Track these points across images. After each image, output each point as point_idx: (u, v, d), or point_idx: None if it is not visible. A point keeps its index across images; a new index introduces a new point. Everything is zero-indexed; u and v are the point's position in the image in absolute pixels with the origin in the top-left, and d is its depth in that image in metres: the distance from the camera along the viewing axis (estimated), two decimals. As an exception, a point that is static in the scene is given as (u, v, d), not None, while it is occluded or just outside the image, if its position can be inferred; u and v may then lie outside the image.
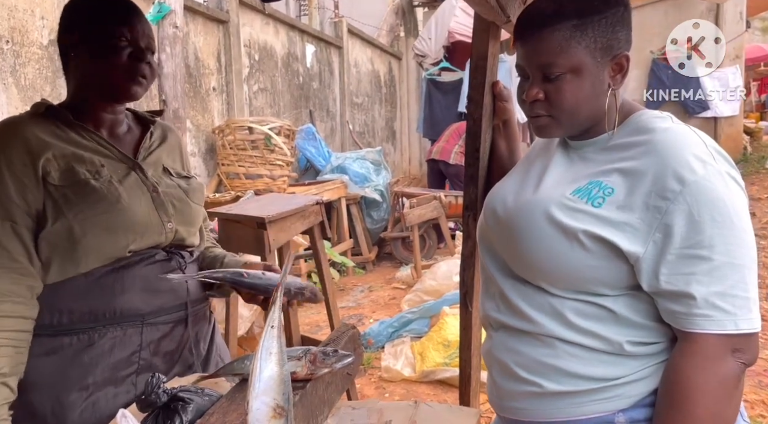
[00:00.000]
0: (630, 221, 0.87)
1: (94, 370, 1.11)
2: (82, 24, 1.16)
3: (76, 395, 1.09)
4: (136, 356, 1.15)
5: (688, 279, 0.84)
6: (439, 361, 3.09)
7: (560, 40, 0.92)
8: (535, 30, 0.94)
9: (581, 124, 0.98)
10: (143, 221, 1.16)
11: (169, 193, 1.23)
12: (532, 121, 1.00)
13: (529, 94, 0.97)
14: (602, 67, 0.94)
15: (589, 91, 0.94)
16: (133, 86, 1.18)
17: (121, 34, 1.16)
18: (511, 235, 0.99)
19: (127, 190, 1.15)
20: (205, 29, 4.67)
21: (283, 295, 1.00)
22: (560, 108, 0.95)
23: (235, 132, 4.41)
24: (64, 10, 1.20)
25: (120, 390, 1.13)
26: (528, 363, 0.98)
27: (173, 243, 1.23)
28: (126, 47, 1.17)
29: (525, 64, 0.97)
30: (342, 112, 7.32)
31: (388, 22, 9.34)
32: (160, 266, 1.19)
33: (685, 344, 0.87)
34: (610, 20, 0.92)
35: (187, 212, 1.26)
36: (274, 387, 0.84)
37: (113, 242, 1.12)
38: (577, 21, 0.91)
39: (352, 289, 5.04)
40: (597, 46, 0.92)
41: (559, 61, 0.92)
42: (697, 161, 0.85)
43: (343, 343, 1.21)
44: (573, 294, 0.93)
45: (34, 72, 3.13)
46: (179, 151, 1.37)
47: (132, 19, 1.18)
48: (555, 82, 0.94)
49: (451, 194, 5.55)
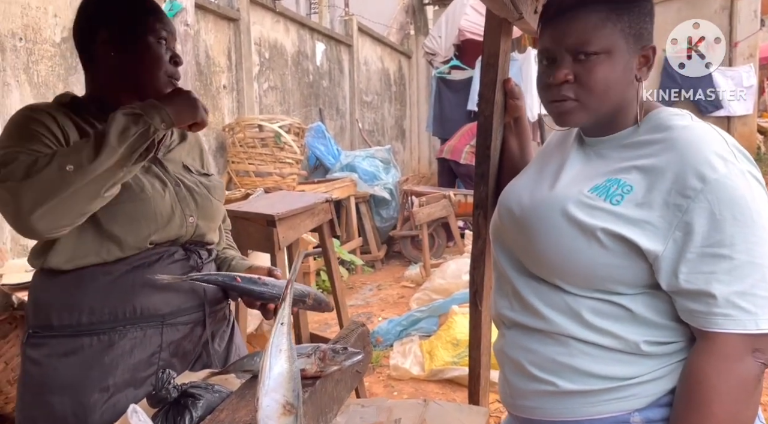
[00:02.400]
0: (649, 218, 0.86)
1: (114, 371, 1.11)
2: (118, 18, 1.15)
3: (97, 396, 1.09)
4: (156, 357, 1.15)
5: (709, 278, 0.83)
6: (448, 360, 3.08)
7: (597, 20, 0.92)
8: (571, 10, 0.93)
9: (606, 113, 0.96)
10: (166, 212, 1.16)
11: (192, 188, 1.23)
12: (556, 107, 0.97)
13: (557, 76, 0.94)
14: (633, 55, 0.94)
15: (620, 76, 0.93)
16: (167, 88, 1.18)
17: (162, 35, 1.16)
18: (527, 233, 0.98)
19: (150, 182, 1.15)
20: (216, 27, 4.68)
21: (287, 292, 0.99)
22: (590, 89, 0.93)
23: (245, 130, 4.42)
24: (88, 2, 1.18)
25: (140, 391, 1.13)
26: (542, 362, 0.97)
27: (193, 239, 1.23)
28: (168, 51, 1.17)
29: (553, 46, 0.95)
30: (351, 111, 7.32)
31: (398, 20, 9.32)
32: (179, 265, 1.19)
33: (704, 343, 0.86)
34: (642, 10, 0.94)
35: (209, 207, 1.26)
36: (284, 384, 0.84)
37: (136, 231, 1.12)
38: (614, 5, 0.92)
39: (361, 287, 5.05)
40: (631, 32, 0.93)
41: (594, 40, 0.91)
42: (719, 159, 0.84)
43: (352, 341, 1.21)
44: (590, 293, 0.93)
45: (47, 69, 3.16)
46: (199, 150, 1.37)
47: (167, 20, 1.19)
48: (587, 63, 0.92)
49: (461, 193, 5.54)
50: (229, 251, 1.42)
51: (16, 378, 2.02)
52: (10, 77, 2.93)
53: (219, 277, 1.18)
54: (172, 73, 1.18)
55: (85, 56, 1.19)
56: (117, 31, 1.14)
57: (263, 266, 1.32)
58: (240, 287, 1.17)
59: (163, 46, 1.17)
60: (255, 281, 1.18)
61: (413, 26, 9.52)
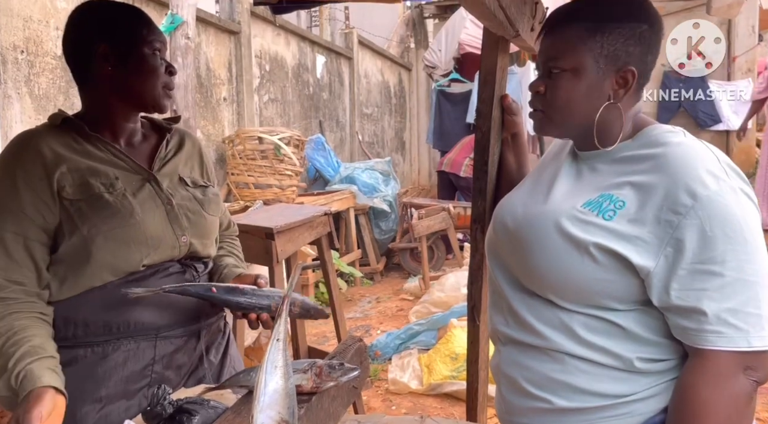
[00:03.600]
0: (641, 234, 0.86)
1: (107, 382, 1.11)
2: (113, 33, 1.15)
3: (89, 407, 1.09)
4: (149, 370, 1.15)
5: (700, 295, 0.84)
6: (446, 374, 3.06)
7: (568, 38, 0.95)
8: (553, 26, 0.98)
9: (574, 127, 1.00)
10: (157, 234, 1.16)
11: (184, 205, 1.22)
12: (531, 116, 1.04)
13: (531, 87, 1.01)
14: (604, 76, 0.95)
15: (582, 94, 0.96)
16: (165, 99, 1.19)
17: (156, 46, 1.17)
18: (521, 246, 0.98)
19: (140, 204, 1.15)
20: (217, 40, 4.72)
21: (283, 308, 0.99)
22: (552, 105, 0.98)
23: (245, 142, 4.44)
24: (80, 18, 1.17)
25: (132, 403, 1.13)
26: (537, 379, 0.97)
27: (188, 256, 1.23)
28: (162, 61, 1.18)
29: (538, 60, 1.01)
30: (351, 123, 7.34)
31: (398, 33, 9.39)
32: (175, 279, 1.19)
33: (696, 360, 0.86)
34: (626, 32, 0.93)
35: (202, 224, 1.25)
36: (279, 401, 0.84)
37: (127, 256, 1.12)
38: (591, 24, 0.93)
39: (360, 300, 5.03)
40: (602, 53, 0.93)
41: (561, 58, 0.95)
42: (710, 176, 0.85)
43: (349, 356, 1.21)
44: (583, 308, 0.93)
45: (48, 82, 3.17)
46: (198, 158, 1.35)
47: (158, 31, 1.20)
48: (555, 79, 0.97)
49: (460, 205, 5.54)
50: (226, 258, 1.39)
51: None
52: (11, 90, 2.95)
53: (193, 288, 1.15)
54: (167, 83, 1.19)
55: (79, 72, 1.18)
56: (113, 46, 1.14)
57: (251, 274, 1.28)
58: (216, 298, 1.15)
59: (158, 56, 1.17)
60: (233, 290, 1.16)
61: (413, 39, 9.59)
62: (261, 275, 1.26)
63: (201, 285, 1.17)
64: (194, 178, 1.30)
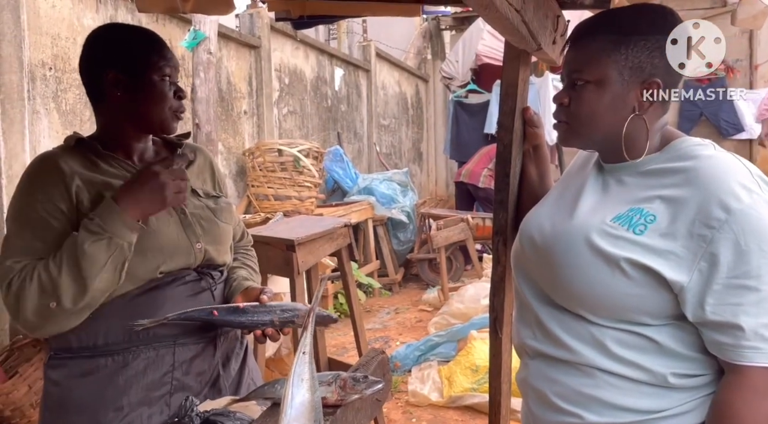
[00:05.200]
0: (673, 249, 0.86)
1: (128, 391, 1.13)
2: (122, 59, 1.17)
3: (111, 415, 1.11)
4: (168, 377, 1.17)
5: (736, 310, 0.83)
6: (467, 386, 3.04)
7: (593, 50, 0.95)
8: (578, 38, 0.99)
9: (600, 140, 0.99)
10: (172, 242, 1.19)
11: (197, 214, 1.26)
12: (556, 128, 1.04)
13: (555, 98, 1.01)
14: (629, 88, 0.95)
15: (607, 106, 0.95)
16: (173, 123, 1.22)
17: (165, 72, 1.19)
18: (550, 262, 0.98)
19: None
20: (238, 54, 4.79)
21: (308, 321, 1.00)
22: (576, 117, 0.98)
23: (265, 154, 4.49)
24: (94, 42, 1.21)
25: (154, 411, 1.14)
26: (567, 393, 0.96)
27: (203, 263, 1.26)
28: (171, 85, 1.20)
29: (563, 71, 1.01)
30: (369, 134, 7.38)
31: (415, 45, 9.45)
32: (191, 287, 1.22)
33: (732, 376, 0.85)
34: (651, 44, 0.93)
35: (215, 231, 1.28)
36: (306, 414, 0.84)
37: (144, 264, 1.15)
38: (615, 36, 0.93)
39: (379, 311, 5.03)
40: (627, 65, 0.93)
41: (585, 70, 0.96)
42: (743, 189, 0.84)
43: (372, 368, 1.21)
44: (614, 323, 0.92)
45: (75, 97, 3.25)
46: (210, 171, 1.38)
47: (170, 55, 1.22)
48: (578, 90, 0.97)
49: (479, 216, 5.52)
50: (239, 271, 1.40)
51: (38, 402, 2.04)
52: (39, 105, 3.03)
53: (196, 313, 1.18)
54: (176, 108, 1.22)
55: (92, 94, 1.22)
56: (123, 72, 1.17)
57: (257, 287, 1.32)
58: (218, 320, 1.19)
59: (167, 82, 1.20)
60: (234, 311, 1.19)
61: (430, 51, 9.63)
62: (266, 288, 1.28)
63: (203, 309, 1.19)
64: (206, 189, 1.34)
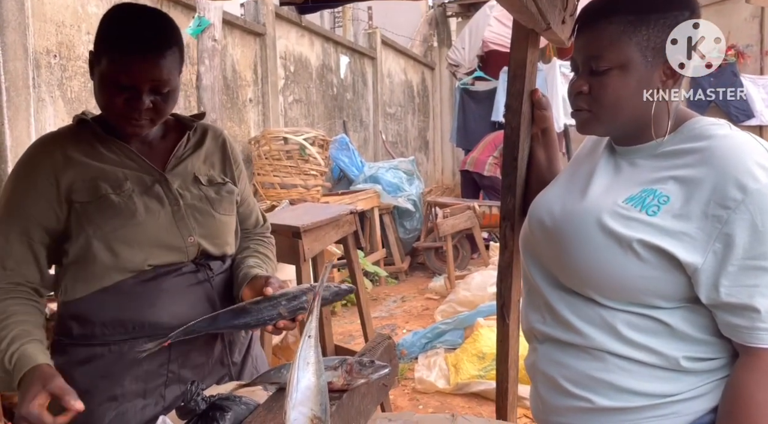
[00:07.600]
0: (687, 230, 0.84)
1: (123, 381, 1.13)
2: (98, 42, 1.11)
3: (105, 405, 1.12)
4: (164, 368, 1.16)
5: (752, 291, 0.81)
6: (473, 373, 3.04)
7: (612, 33, 0.91)
8: (591, 22, 0.94)
9: (623, 125, 0.96)
10: (160, 235, 1.16)
11: (192, 205, 1.20)
12: (575, 116, 0.99)
13: (574, 87, 0.96)
14: (652, 69, 0.92)
15: (633, 90, 0.92)
16: (128, 127, 1.12)
17: (121, 71, 1.06)
18: (561, 245, 0.96)
19: (146, 204, 1.15)
20: (243, 42, 4.76)
21: (313, 306, 0.99)
22: (601, 104, 0.94)
23: (271, 142, 4.47)
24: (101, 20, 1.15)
25: (148, 402, 1.14)
26: (577, 377, 0.95)
27: (199, 256, 1.22)
28: (123, 88, 1.07)
29: (576, 56, 0.97)
30: (375, 123, 7.35)
31: (421, 32, 9.37)
32: (187, 278, 1.19)
33: (747, 359, 0.84)
34: (670, 22, 0.90)
35: (211, 224, 1.23)
36: (312, 397, 0.83)
37: (130, 256, 1.13)
38: (634, 17, 0.90)
39: (385, 299, 5.03)
40: (649, 46, 0.90)
41: (607, 55, 0.91)
42: (760, 169, 0.82)
43: (378, 353, 1.20)
44: (626, 306, 0.90)
45: (80, 85, 3.24)
46: (220, 154, 1.30)
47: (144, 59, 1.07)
48: (600, 77, 0.92)
49: (485, 204, 5.50)
50: (248, 259, 1.32)
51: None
52: (44, 93, 3.02)
53: (197, 326, 1.12)
54: (128, 114, 1.10)
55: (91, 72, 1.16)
56: (94, 56, 1.11)
57: (263, 275, 1.24)
58: (222, 327, 1.15)
59: (115, 87, 1.07)
60: (237, 313, 1.13)
61: (436, 38, 9.55)
62: (271, 278, 1.21)
63: (204, 319, 1.13)
64: (211, 176, 1.27)
